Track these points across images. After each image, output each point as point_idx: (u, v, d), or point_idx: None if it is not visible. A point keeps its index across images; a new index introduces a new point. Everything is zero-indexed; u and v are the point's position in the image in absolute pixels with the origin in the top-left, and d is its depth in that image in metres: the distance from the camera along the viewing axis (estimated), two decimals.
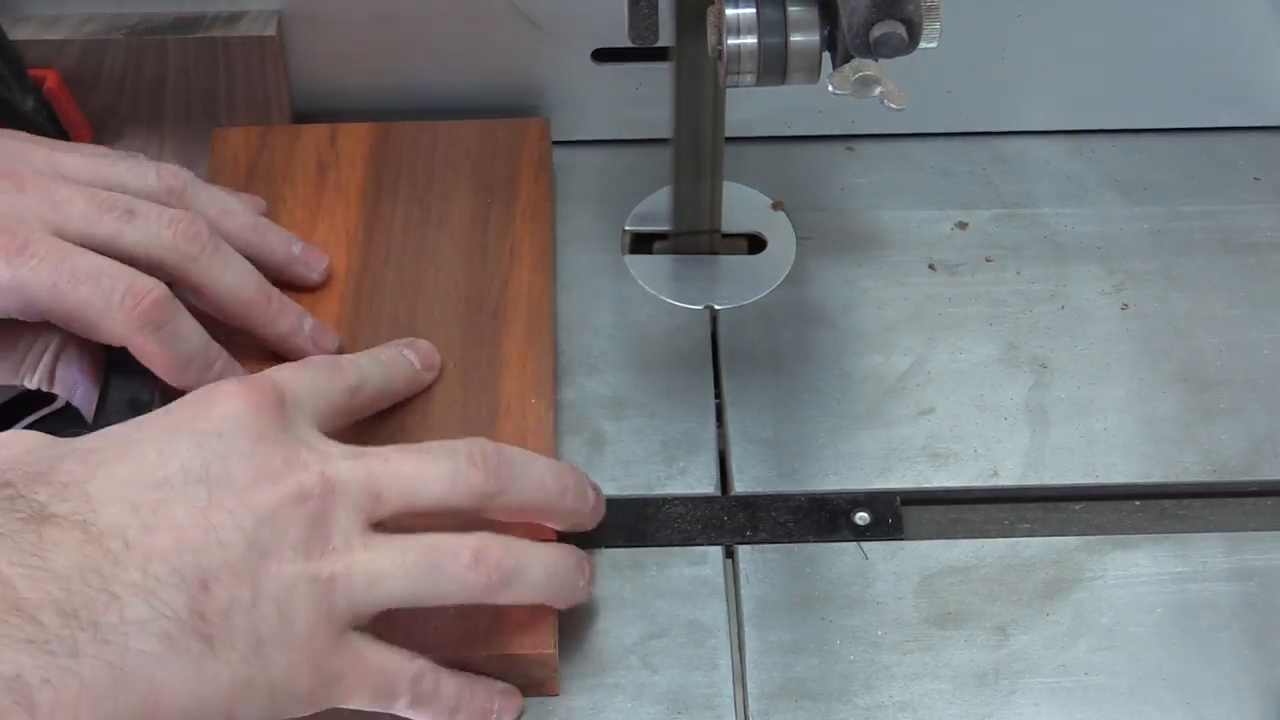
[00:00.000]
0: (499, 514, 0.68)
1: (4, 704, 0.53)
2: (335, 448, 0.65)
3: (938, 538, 0.76)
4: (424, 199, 0.84)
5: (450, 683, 0.67)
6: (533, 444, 0.73)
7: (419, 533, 0.65)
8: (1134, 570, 0.74)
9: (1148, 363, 0.82)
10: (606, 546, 0.75)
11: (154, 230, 0.71)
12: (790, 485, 0.77)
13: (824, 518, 0.76)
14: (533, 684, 0.69)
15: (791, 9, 0.67)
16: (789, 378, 0.81)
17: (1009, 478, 0.77)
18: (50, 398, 0.72)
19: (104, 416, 0.73)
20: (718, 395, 0.81)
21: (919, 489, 0.77)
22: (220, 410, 0.63)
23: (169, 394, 0.70)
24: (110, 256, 0.70)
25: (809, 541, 0.75)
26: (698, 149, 0.82)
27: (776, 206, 0.89)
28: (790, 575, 0.74)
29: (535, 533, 0.69)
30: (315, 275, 0.79)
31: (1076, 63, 0.91)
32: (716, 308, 0.85)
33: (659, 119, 0.81)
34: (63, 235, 0.69)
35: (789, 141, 0.92)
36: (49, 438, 0.63)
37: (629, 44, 0.73)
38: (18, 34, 0.85)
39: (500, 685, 0.68)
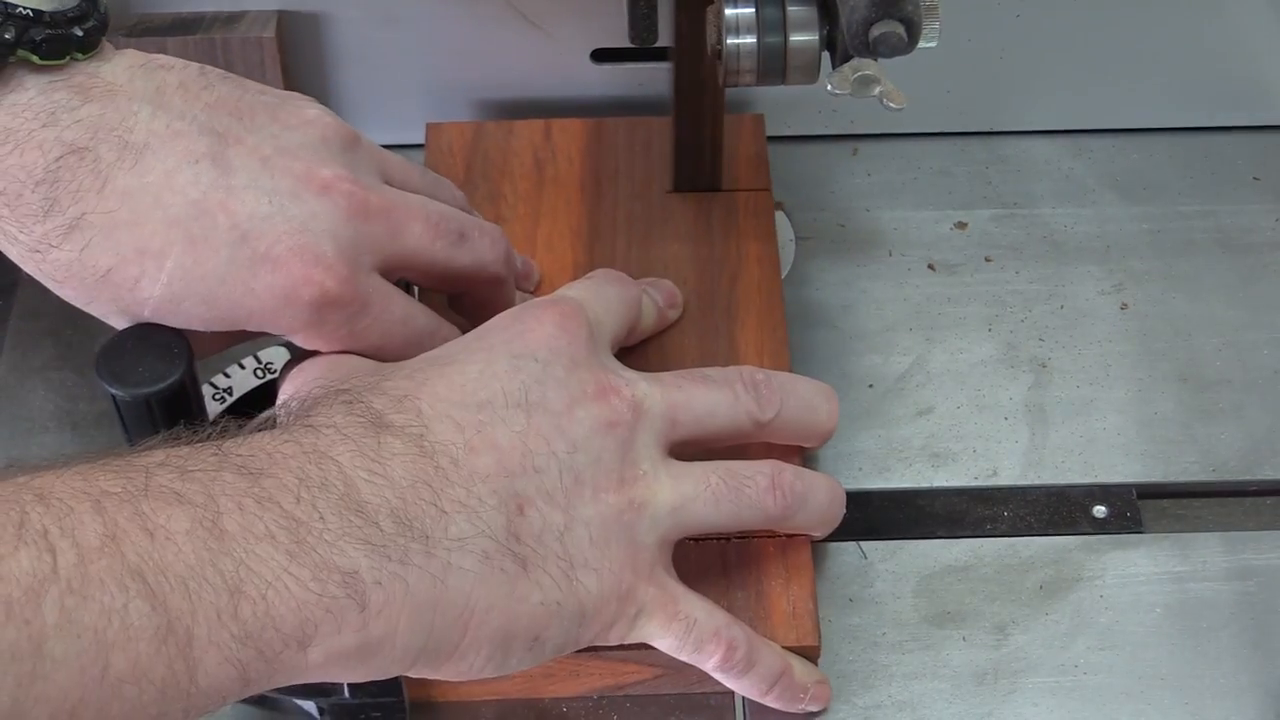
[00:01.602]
0: (771, 436, 0.69)
1: (339, 595, 0.55)
2: (632, 372, 0.66)
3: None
4: (644, 195, 0.84)
5: (769, 653, 0.67)
6: None
7: (701, 460, 0.66)
8: (1133, 570, 0.74)
9: (1147, 362, 0.82)
10: None
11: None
12: None
13: (1063, 510, 0.76)
14: None
15: (791, 9, 0.67)
16: None
17: (1008, 477, 0.77)
18: None
19: None
20: None
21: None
22: (536, 335, 0.64)
23: None
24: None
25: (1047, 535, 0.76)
26: (698, 148, 0.82)
27: (776, 206, 0.89)
28: None
29: (786, 456, 0.70)
30: (530, 287, 0.80)
31: (1076, 63, 0.91)
32: None
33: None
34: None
35: (789, 141, 0.92)
36: (370, 361, 0.65)
37: (629, 44, 0.73)
38: None
39: (818, 673, 0.69)
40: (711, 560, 0.70)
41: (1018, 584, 0.74)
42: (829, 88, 0.65)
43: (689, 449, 0.67)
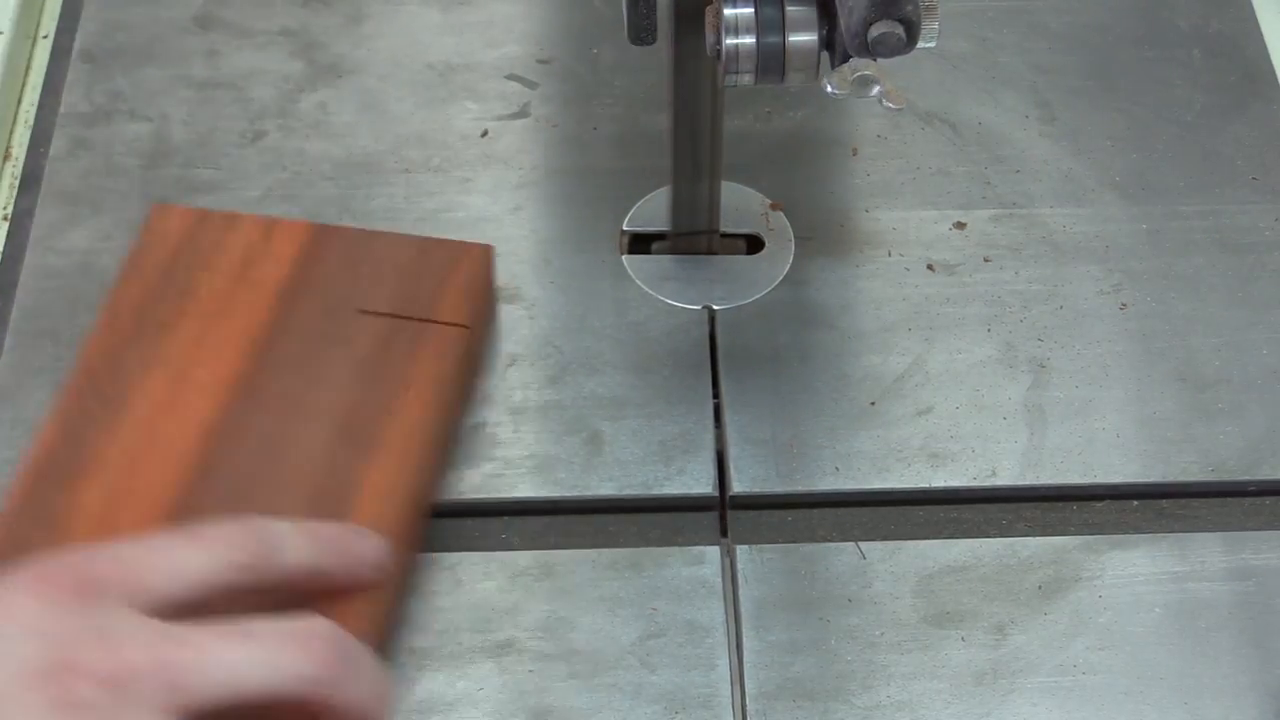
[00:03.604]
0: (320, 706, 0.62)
1: None
2: (147, 633, 0.58)
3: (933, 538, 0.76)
4: (335, 312, 0.78)
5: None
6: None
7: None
8: (1132, 570, 0.74)
9: (1146, 362, 0.82)
10: (605, 546, 0.75)
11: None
12: (788, 486, 0.77)
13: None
14: None
15: (789, 8, 0.67)
16: (787, 378, 0.81)
17: (1007, 477, 0.77)
18: None
19: None
20: (716, 396, 0.81)
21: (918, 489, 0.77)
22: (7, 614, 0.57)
23: None
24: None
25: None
26: (696, 149, 0.82)
27: (775, 206, 0.89)
28: (788, 575, 0.74)
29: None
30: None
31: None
32: (715, 308, 0.85)
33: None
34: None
35: (789, 141, 0.92)
36: None
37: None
38: None
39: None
40: None
41: (1016, 584, 0.74)
42: (829, 88, 0.65)
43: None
